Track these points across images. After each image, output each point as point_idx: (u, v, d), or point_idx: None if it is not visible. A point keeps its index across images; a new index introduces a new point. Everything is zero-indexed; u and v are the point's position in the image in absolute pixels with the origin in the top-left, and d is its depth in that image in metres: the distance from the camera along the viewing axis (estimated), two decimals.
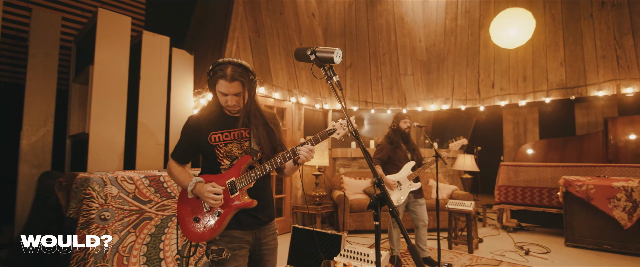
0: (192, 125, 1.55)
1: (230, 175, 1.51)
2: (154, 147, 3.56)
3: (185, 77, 4.07)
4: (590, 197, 3.93)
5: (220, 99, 1.51)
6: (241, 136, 1.56)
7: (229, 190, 1.48)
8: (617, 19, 4.54)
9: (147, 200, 2.57)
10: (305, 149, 1.43)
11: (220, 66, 1.46)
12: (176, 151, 1.59)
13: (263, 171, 1.50)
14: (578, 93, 4.71)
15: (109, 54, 3.14)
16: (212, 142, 1.52)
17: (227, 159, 1.53)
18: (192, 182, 1.45)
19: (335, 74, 1.11)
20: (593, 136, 5.11)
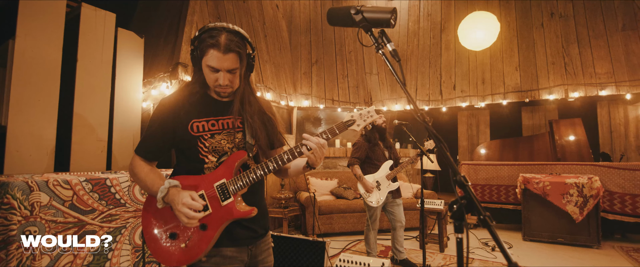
0: (167, 109, 1.18)
1: (219, 176, 1.17)
2: (94, 144, 2.96)
3: (134, 63, 3.48)
4: (546, 194, 4.17)
5: (208, 76, 1.17)
6: (233, 126, 1.24)
7: (218, 196, 1.15)
8: (564, 29, 4.93)
9: (88, 209, 2.06)
10: (314, 141, 1.15)
11: (211, 33, 1.13)
12: (143, 145, 1.22)
13: (265, 170, 1.18)
14: (531, 96, 5.02)
15: (37, 27, 2.51)
16: (194, 132, 1.18)
17: (213, 154, 1.20)
18: (163, 187, 1.09)
19: (390, 41, 0.85)
20: (541, 137, 5.51)
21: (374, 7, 0.86)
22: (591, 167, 4.33)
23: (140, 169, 1.20)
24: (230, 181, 1.17)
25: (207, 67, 1.15)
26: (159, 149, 1.22)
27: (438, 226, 3.97)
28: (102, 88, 3.04)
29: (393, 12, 0.84)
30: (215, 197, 1.15)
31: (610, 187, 4.17)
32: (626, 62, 4.54)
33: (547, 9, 5.10)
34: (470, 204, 0.73)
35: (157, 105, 1.22)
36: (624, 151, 5.25)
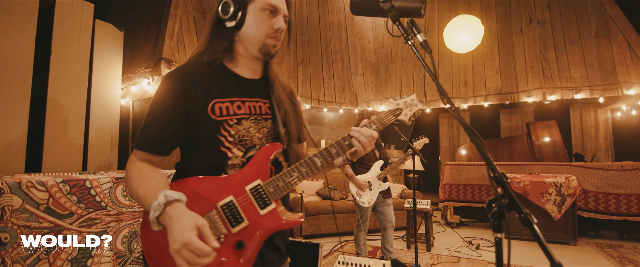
0: (180, 82, 0.88)
1: (250, 176, 0.90)
2: (69, 143, 2.76)
3: (113, 58, 3.29)
4: (527, 193, 4.30)
5: (260, 24, 0.93)
6: (261, 111, 0.98)
7: (254, 202, 0.88)
8: (542, 35, 5.13)
9: (66, 213, 1.90)
10: (366, 134, 0.94)
11: None
12: (146, 134, 0.87)
13: (312, 167, 0.93)
14: (511, 99, 5.19)
15: (6, 15, 2.30)
16: (216, 116, 0.90)
17: (238, 147, 0.92)
18: (157, 204, 0.74)
19: (420, 31, 0.80)
20: (519, 138, 5.70)
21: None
22: (567, 167, 4.51)
23: (137, 170, 0.84)
24: (269, 181, 0.90)
25: (261, 12, 0.93)
26: (169, 138, 0.89)
27: (425, 226, 4.01)
28: (78, 83, 2.85)
29: (424, 1, 0.80)
30: (250, 205, 0.88)
31: (585, 186, 4.37)
32: (599, 67, 4.79)
33: (525, 15, 5.30)
34: (512, 202, 0.70)
35: (164, 80, 0.90)
36: (594, 152, 5.53)
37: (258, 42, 0.95)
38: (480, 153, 0.75)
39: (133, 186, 0.83)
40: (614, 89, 4.65)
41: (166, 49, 3.46)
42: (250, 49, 0.96)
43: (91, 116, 3.01)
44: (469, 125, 0.76)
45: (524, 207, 0.70)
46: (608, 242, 4.20)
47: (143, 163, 0.87)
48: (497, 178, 0.71)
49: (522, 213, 0.69)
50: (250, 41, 0.95)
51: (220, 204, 0.86)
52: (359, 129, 0.96)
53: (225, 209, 0.86)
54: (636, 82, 4.58)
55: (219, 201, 0.86)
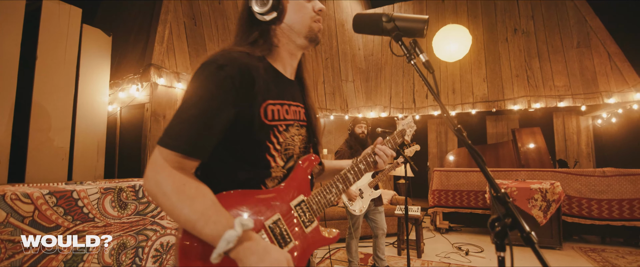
0: (241, 76, 0.75)
1: (293, 191, 0.84)
2: (54, 151, 2.68)
3: (100, 63, 3.22)
4: (514, 199, 4.39)
5: (301, 9, 0.87)
6: (299, 116, 0.91)
7: (301, 221, 0.83)
8: (526, 44, 5.29)
9: (52, 226, 1.83)
10: (389, 153, 1.02)
11: None
12: (188, 132, 0.70)
13: (345, 183, 0.94)
14: (498, 106, 5.31)
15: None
16: (268, 120, 0.81)
17: (282, 156, 0.85)
18: (231, 235, 0.64)
19: (423, 51, 0.82)
20: (505, 144, 5.83)
21: (406, 16, 0.82)
22: (552, 174, 4.63)
23: (180, 184, 0.67)
24: (311, 197, 0.87)
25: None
26: (215, 139, 0.74)
27: (415, 232, 4.04)
28: (64, 89, 2.77)
29: (426, 22, 0.81)
30: (296, 223, 0.82)
31: (569, 192, 4.49)
32: (581, 76, 4.96)
33: (510, 25, 5.45)
34: (515, 222, 0.71)
35: (214, 70, 0.74)
36: (577, 158, 5.70)
37: (304, 28, 0.88)
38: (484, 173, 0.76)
39: (179, 206, 0.66)
40: (595, 98, 4.82)
41: (156, 55, 3.41)
42: (295, 39, 0.89)
43: (77, 123, 2.93)
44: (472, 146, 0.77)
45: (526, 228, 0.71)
46: (591, 246, 4.32)
47: (183, 174, 0.70)
48: (499, 198, 0.73)
49: (524, 232, 0.71)
50: (296, 29, 0.88)
51: (268, 223, 0.78)
52: (382, 147, 1.03)
53: (274, 229, 0.78)
54: (616, 91, 4.75)
55: (266, 220, 0.78)
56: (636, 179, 4.24)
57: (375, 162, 1.01)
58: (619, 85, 4.74)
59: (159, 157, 0.69)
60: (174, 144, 0.69)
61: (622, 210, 4.26)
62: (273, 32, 0.89)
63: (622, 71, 4.75)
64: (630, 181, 4.26)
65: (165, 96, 3.54)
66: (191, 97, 0.72)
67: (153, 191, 0.68)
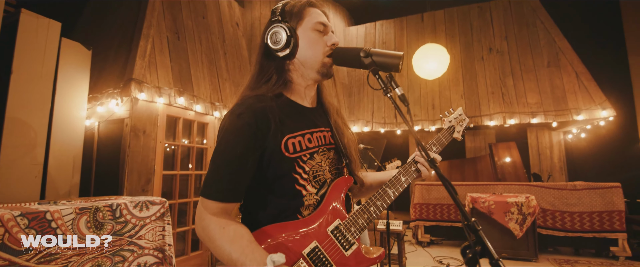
0: (257, 122, 0.83)
1: (329, 217, 0.87)
2: (27, 168, 2.58)
3: (79, 78, 3.16)
4: (491, 212, 4.52)
5: (315, 44, 0.91)
6: (325, 140, 0.95)
7: (339, 245, 0.86)
8: (500, 63, 5.54)
9: (22, 249, 1.76)
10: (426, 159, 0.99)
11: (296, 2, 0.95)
12: (221, 182, 0.80)
13: (386, 200, 0.93)
14: (475, 122, 5.50)
15: None
16: (289, 153, 0.86)
17: (312, 184, 0.89)
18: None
19: (399, 86, 0.87)
20: (483, 159, 6.02)
21: (383, 52, 0.88)
22: (527, 187, 4.81)
23: (221, 228, 0.77)
24: (348, 220, 0.89)
25: (312, 31, 0.91)
26: (245, 183, 0.83)
27: (397, 246, 4.07)
28: (39, 103, 2.69)
29: (402, 58, 0.87)
30: (334, 248, 0.85)
31: (543, 205, 4.67)
32: (551, 94, 5.22)
33: (486, 44, 5.71)
34: (484, 249, 0.75)
35: (235, 120, 0.82)
36: (550, 171, 5.94)
37: (317, 63, 0.92)
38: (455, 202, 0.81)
39: (222, 247, 0.76)
40: (565, 115, 5.08)
41: (137, 70, 3.38)
42: (308, 73, 0.93)
43: (53, 139, 2.84)
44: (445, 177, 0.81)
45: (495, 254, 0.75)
46: (565, 258, 4.48)
47: (223, 218, 0.79)
48: (470, 226, 0.77)
49: (493, 260, 0.75)
50: (308, 64, 0.92)
51: (306, 252, 0.81)
52: (423, 159, 1.00)
53: (312, 257, 0.82)
54: (584, 109, 5.03)
55: (304, 249, 0.81)
56: (604, 192, 4.46)
57: (417, 171, 0.99)
58: (586, 103, 5.02)
59: (201, 207, 0.81)
60: (211, 193, 0.80)
61: (593, 222, 4.45)
62: (287, 67, 0.94)
63: (588, 90, 5.04)
64: (599, 194, 4.48)
65: (146, 111, 3.49)
66: (218, 148, 0.83)
67: (201, 236, 0.80)
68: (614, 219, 4.36)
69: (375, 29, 6.66)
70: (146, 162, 3.45)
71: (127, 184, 3.26)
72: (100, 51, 3.78)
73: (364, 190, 1.08)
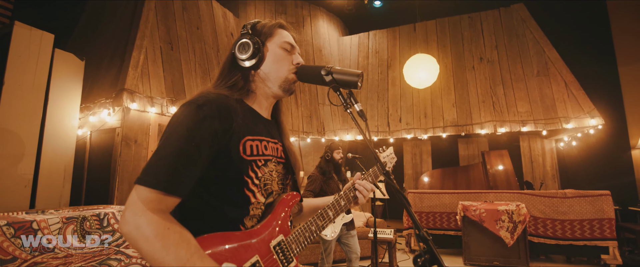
0: (220, 115, 0.80)
1: (273, 231, 0.86)
2: (17, 178, 2.61)
3: (71, 88, 3.20)
4: (482, 220, 4.54)
5: (281, 61, 0.95)
6: (277, 153, 0.96)
7: (280, 262, 0.84)
8: (491, 72, 5.62)
9: (8, 258, 1.78)
10: (369, 188, 1.08)
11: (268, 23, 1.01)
12: (167, 170, 0.70)
13: (327, 220, 0.98)
14: (466, 130, 5.56)
15: None
16: (247, 155, 0.84)
17: (261, 193, 0.87)
18: None
19: (358, 102, 0.92)
20: (475, 167, 6.06)
21: (342, 70, 0.92)
22: (518, 195, 4.84)
23: (163, 228, 0.66)
24: (291, 237, 0.89)
25: (280, 49, 0.97)
26: (194, 178, 0.75)
27: (388, 255, 4.08)
28: (31, 114, 2.73)
29: (360, 76, 0.91)
30: (275, 264, 0.83)
31: (534, 212, 4.69)
32: (541, 103, 5.30)
33: (476, 54, 5.80)
34: (433, 258, 0.79)
35: (195, 109, 0.77)
36: (542, 179, 5.98)
37: (279, 79, 0.95)
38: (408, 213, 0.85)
39: (157, 249, 0.65)
40: (554, 123, 5.14)
41: (129, 80, 3.43)
42: (271, 86, 0.96)
43: (44, 148, 2.87)
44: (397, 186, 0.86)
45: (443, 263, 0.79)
46: (557, 265, 4.49)
47: (164, 218, 0.68)
48: (421, 236, 0.81)
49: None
50: (272, 78, 0.95)
51: (246, 266, 0.77)
52: (363, 182, 1.09)
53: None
54: (573, 117, 5.10)
55: (244, 263, 0.76)
56: (594, 200, 4.49)
57: (355, 197, 1.07)
58: (575, 111, 5.09)
59: (137, 199, 0.67)
60: (153, 182, 0.68)
61: (584, 230, 4.47)
62: (252, 77, 0.96)
63: (577, 99, 5.11)
64: (590, 202, 4.51)
65: (138, 121, 3.53)
66: (170, 136, 0.74)
67: (132, 235, 0.65)
68: (605, 227, 4.39)
69: (369, 38, 6.76)
70: (137, 171, 3.48)
71: (118, 194, 3.28)
72: (93, 61, 3.84)
73: (302, 215, 1.10)
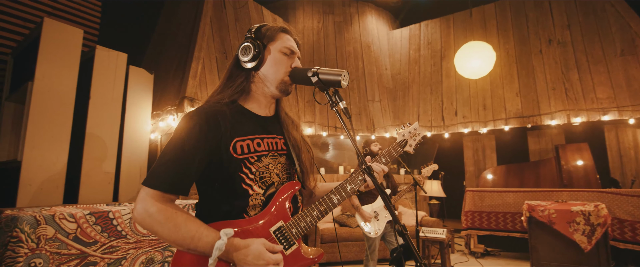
0: (207, 122, 0.92)
1: (272, 218, 0.94)
2: (102, 176, 3.12)
3: (143, 98, 3.70)
4: (552, 222, 4.07)
5: (279, 64, 1.02)
6: (277, 146, 1.04)
7: (279, 243, 0.94)
8: (563, 55, 4.98)
9: (91, 241, 2.17)
10: (378, 169, 1.05)
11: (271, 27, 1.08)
12: (167, 173, 0.86)
13: (330, 205, 1.00)
14: (533, 122, 5.02)
15: (54, 69, 2.74)
16: (237, 154, 0.94)
17: (259, 185, 0.96)
18: (221, 243, 0.81)
19: (342, 100, 0.95)
20: (547, 162, 5.43)
21: (327, 71, 0.96)
22: (598, 194, 4.23)
23: (168, 216, 0.83)
24: (291, 222, 0.96)
25: (279, 53, 1.03)
26: (192, 177, 0.89)
27: (441, 256, 3.91)
28: (112, 123, 3.24)
29: (340, 75, 0.94)
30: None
31: (619, 214, 4.06)
32: (627, 87, 4.54)
33: (544, 36, 5.19)
34: (408, 251, 0.80)
35: (186, 119, 0.92)
36: (635, 175, 5.11)
37: (277, 81, 1.02)
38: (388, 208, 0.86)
39: (170, 228, 0.82)
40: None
41: (189, 89, 3.83)
42: (269, 87, 1.04)
43: (123, 151, 3.38)
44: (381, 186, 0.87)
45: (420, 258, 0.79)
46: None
47: (169, 206, 0.85)
48: (398, 231, 0.82)
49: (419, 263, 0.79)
50: (269, 80, 1.03)
51: None
52: (372, 165, 1.05)
53: None
54: None
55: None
56: None
57: (364, 180, 1.02)
58: None
59: (145, 195, 0.85)
60: (156, 184, 0.85)
61: None
62: (252, 79, 1.06)
63: None
64: None
65: None
66: (169, 144, 0.90)
67: (146, 221, 0.83)
68: None
69: (420, 30, 6.49)
70: None
71: None
72: (161, 74, 4.38)
73: (314, 199, 1.14)
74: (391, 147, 1.16)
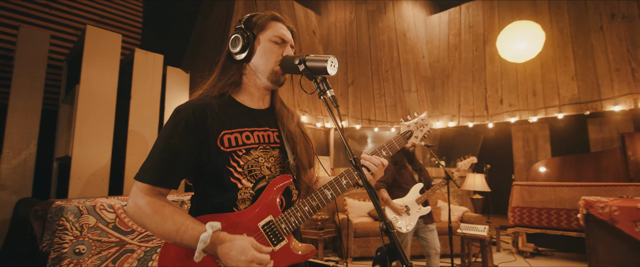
0: (194, 116, 0.91)
1: (261, 212, 0.92)
2: None
3: (180, 96, 3.90)
4: (614, 220, 3.61)
5: (269, 54, 0.98)
6: (269, 139, 1.01)
7: (268, 239, 0.91)
8: (628, 31, 4.36)
9: (129, 230, 2.33)
10: (376, 162, 0.99)
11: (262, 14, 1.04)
12: (156, 168, 0.88)
13: (323, 200, 0.96)
14: (593, 108, 4.47)
15: (97, 72, 2.98)
16: (224, 147, 0.92)
17: (248, 178, 0.94)
18: (206, 236, 0.80)
19: (330, 88, 0.89)
20: (610, 153, 4.83)
21: (314, 57, 0.91)
22: None
23: (159, 207, 0.85)
24: (280, 217, 0.93)
25: (269, 42, 0.99)
26: (180, 171, 0.90)
27: (482, 255, 3.67)
28: (151, 120, 3.46)
29: (327, 61, 0.88)
30: (263, 242, 0.90)
31: None
32: None
33: (606, 10, 4.57)
34: (393, 251, 0.73)
35: (174, 114, 0.93)
36: None
37: (267, 71, 0.99)
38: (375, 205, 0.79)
39: (157, 221, 0.83)
40: None
41: None
42: (260, 78, 1.01)
43: None
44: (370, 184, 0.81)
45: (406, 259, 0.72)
46: None
47: (158, 199, 0.87)
48: (384, 229, 0.75)
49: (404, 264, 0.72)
50: (260, 70, 1.00)
51: None
52: (370, 157, 1.00)
53: None
54: None
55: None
56: None
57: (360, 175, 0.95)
58: None
59: (136, 189, 0.89)
60: (145, 177, 0.88)
61: None
62: (243, 70, 1.04)
63: None
64: None
65: None
66: (157, 139, 0.93)
67: (137, 214, 0.86)
68: None
69: (461, 13, 6.07)
70: None
71: None
72: (197, 73, 4.58)
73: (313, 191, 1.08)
74: (393, 139, 1.08)
